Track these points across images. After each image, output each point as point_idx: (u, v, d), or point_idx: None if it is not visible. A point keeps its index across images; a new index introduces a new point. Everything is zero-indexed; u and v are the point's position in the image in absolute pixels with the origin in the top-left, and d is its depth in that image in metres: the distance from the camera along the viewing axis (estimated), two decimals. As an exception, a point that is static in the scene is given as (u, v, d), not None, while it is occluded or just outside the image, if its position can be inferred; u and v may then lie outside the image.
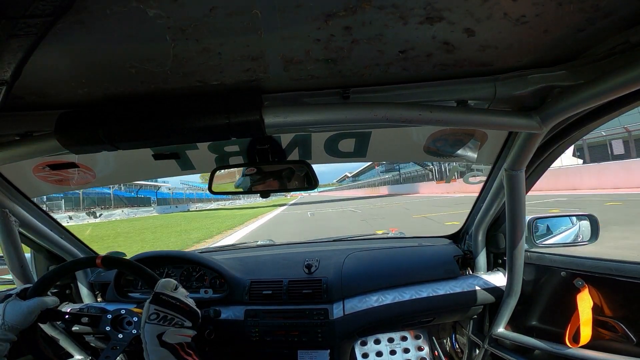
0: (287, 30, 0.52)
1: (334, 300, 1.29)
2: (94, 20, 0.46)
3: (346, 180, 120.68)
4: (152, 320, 0.84)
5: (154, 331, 0.83)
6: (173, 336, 0.84)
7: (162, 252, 1.48)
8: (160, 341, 0.82)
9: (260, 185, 1.11)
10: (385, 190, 46.01)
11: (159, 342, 0.82)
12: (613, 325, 0.99)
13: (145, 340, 0.82)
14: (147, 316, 0.84)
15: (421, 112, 0.70)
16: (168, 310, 0.86)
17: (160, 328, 0.84)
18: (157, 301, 0.87)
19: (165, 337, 0.83)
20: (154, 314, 0.85)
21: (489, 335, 1.31)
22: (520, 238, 1.13)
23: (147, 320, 0.84)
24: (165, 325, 0.84)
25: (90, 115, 0.70)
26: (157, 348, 0.81)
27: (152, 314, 0.84)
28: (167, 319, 0.85)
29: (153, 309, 0.85)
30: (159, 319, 0.84)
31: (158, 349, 0.81)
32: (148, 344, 0.81)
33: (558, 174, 14.72)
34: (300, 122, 0.71)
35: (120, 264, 0.97)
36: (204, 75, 0.65)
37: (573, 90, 0.66)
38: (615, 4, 0.49)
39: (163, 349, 0.81)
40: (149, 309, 0.85)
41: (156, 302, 0.87)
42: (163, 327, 0.84)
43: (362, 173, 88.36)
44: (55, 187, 1.25)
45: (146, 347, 0.81)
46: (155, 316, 0.84)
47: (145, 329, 0.83)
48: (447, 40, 0.57)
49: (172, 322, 0.86)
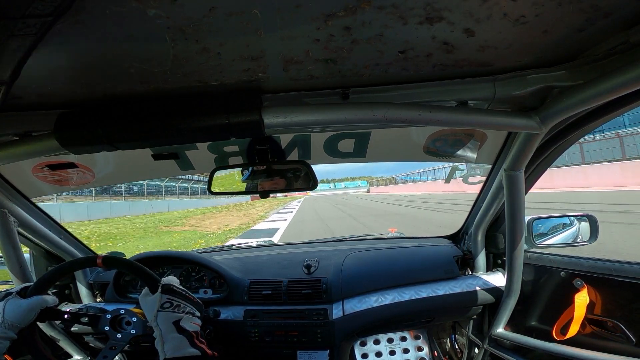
0: (286, 30, 0.52)
1: (333, 301, 1.28)
2: (93, 20, 0.45)
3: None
4: (165, 308, 0.84)
5: (170, 318, 0.83)
6: (189, 323, 0.85)
7: (161, 252, 1.48)
8: (178, 327, 0.82)
9: (260, 186, 1.11)
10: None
11: (177, 329, 0.82)
12: (613, 325, 0.99)
13: (160, 328, 0.82)
14: (159, 305, 0.84)
15: (421, 112, 0.70)
16: (180, 299, 0.88)
17: (176, 315, 0.84)
18: (168, 291, 0.88)
19: (183, 323, 0.83)
20: (167, 302, 0.85)
21: (489, 336, 1.31)
22: (519, 238, 1.13)
23: (160, 309, 0.84)
24: (179, 313, 0.85)
25: (89, 115, 0.70)
26: (174, 335, 0.81)
27: (166, 303, 0.85)
28: (181, 307, 0.86)
29: (166, 298, 0.86)
30: (172, 307, 0.85)
31: (175, 335, 0.81)
32: (164, 332, 0.81)
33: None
34: (299, 122, 0.71)
35: (120, 263, 0.97)
36: (203, 75, 0.65)
37: (573, 90, 0.66)
38: (614, 4, 0.49)
39: (180, 336, 0.81)
40: (161, 299, 0.86)
41: (168, 292, 0.88)
42: (178, 314, 0.85)
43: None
44: (55, 187, 1.25)
45: (161, 335, 0.81)
46: (168, 304, 0.85)
47: (159, 317, 0.83)
48: (446, 41, 0.57)
49: (185, 310, 0.87)
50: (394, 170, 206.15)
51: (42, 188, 1.23)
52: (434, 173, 38.93)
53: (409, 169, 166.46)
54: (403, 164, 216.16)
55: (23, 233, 1.20)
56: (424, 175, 43.91)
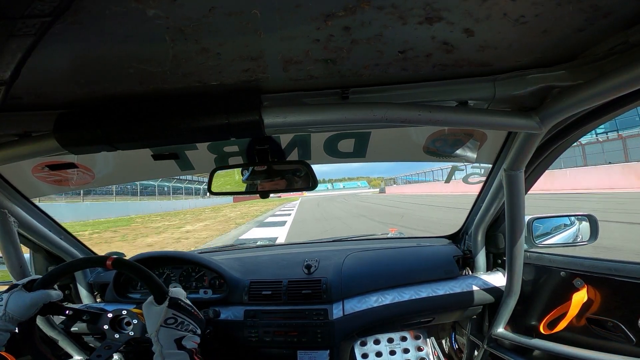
0: (286, 30, 0.52)
1: (333, 301, 1.28)
2: (93, 20, 0.45)
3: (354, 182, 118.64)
4: (169, 324, 0.84)
5: (172, 335, 0.83)
6: (190, 342, 0.85)
7: (161, 252, 1.48)
8: (179, 345, 0.82)
9: (260, 186, 1.11)
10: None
11: (177, 346, 0.82)
12: (613, 325, 0.99)
13: (160, 343, 0.81)
14: (162, 320, 0.84)
15: (420, 112, 0.70)
16: (185, 316, 0.87)
17: (179, 333, 0.84)
18: (175, 306, 0.87)
19: (185, 342, 0.84)
20: (172, 318, 0.85)
21: (489, 336, 1.31)
22: (519, 238, 1.13)
23: (162, 324, 0.83)
24: (182, 331, 0.85)
25: (89, 115, 0.70)
26: (174, 351, 0.81)
27: (170, 319, 0.85)
28: (184, 324, 0.86)
29: (171, 313, 0.85)
30: (176, 324, 0.85)
31: (175, 352, 0.81)
32: (164, 348, 0.81)
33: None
34: (299, 122, 0.71)
35: (130, 268, 0.94)
36: (203, 76, 0.65)
37: (572, 90, 0.66)
38: (614, 4, 0.49)
39: (180, 352, 0.82)
40: (166, 313, 0.85)
41: (175, 307, 0.87)
42: (181, 332, 0.84)
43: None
44: (55, 187, 1.25)
45: (160, 352, 0.81)
46: (172, 320, 0.85)
47: (161, 332, 0.83)
48: (446, 41, 0.57)
49: (187, 328, 0.86)
50: (392, 170, 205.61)
51: (42, 188, 1.23)
52: (438, 173, 37.99)
53: (408, 170, 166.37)
54: (401, 165, 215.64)
55: (23, 233, 1.20)
56: (422, 176, 43.68)
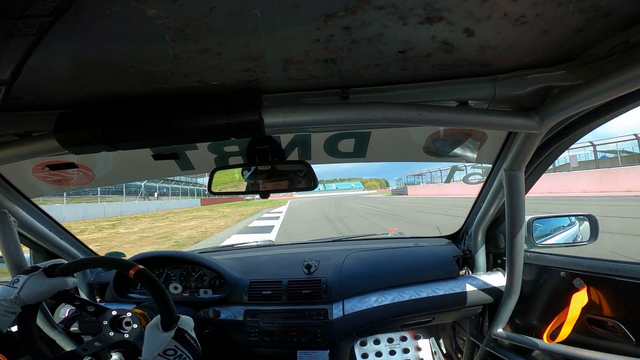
0: (286, 30, 0.52)
1: (333, 301, 1.28)
2: (93, 20, 0.45)
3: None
4: (168, 355, 0.84)
5: None
6: None
7: (161, 252, 1.48)
8: None
9: (260, 186, 1.11)
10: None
11: None
12: (612, 325, 0.99)
13: None
14: (163, 349, 0.84)
15: (421, 112, 0.70)
16: (186, 350, 0.87)
17: None
18: (180, 338, 0.87)
19: None
20: (172, 350, 0.85)
21: (488, 335, 1.31)
22: (519, 238, 1.13)
23: (161, 354, 0.83)
24: None
25: (89, 115, 0.70)
26: None
27: (170, 350, 0.84)
28: (182, 357, 0.85)
29: (173, 345, 0.85)
30: (175, 356, 0.84)
31: None
32: None
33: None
34: (299, 122, 0.71)
35: (151, 283, 0.90)
36: (203, 76, 0.65)
37: (572, 90, 0.66)
38: (614, 4, 0.49)
39: None
40: (169, 343, 0.85)
41: (179, 339, 0.86)
42: None
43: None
44: (55, 187, 1.25)
45: None
46: (172, 352, 0.84)
47: None
48: (446, 41, 0.57)
49: None
50: (384, 171, 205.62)
51: (42, 188, 1.23)
52: (439, 174, 37.80)
53: (401, 171, 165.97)
54: (395, 166, 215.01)
55: (23, 233, 1.20)
56: (420, 177, 43.18)
